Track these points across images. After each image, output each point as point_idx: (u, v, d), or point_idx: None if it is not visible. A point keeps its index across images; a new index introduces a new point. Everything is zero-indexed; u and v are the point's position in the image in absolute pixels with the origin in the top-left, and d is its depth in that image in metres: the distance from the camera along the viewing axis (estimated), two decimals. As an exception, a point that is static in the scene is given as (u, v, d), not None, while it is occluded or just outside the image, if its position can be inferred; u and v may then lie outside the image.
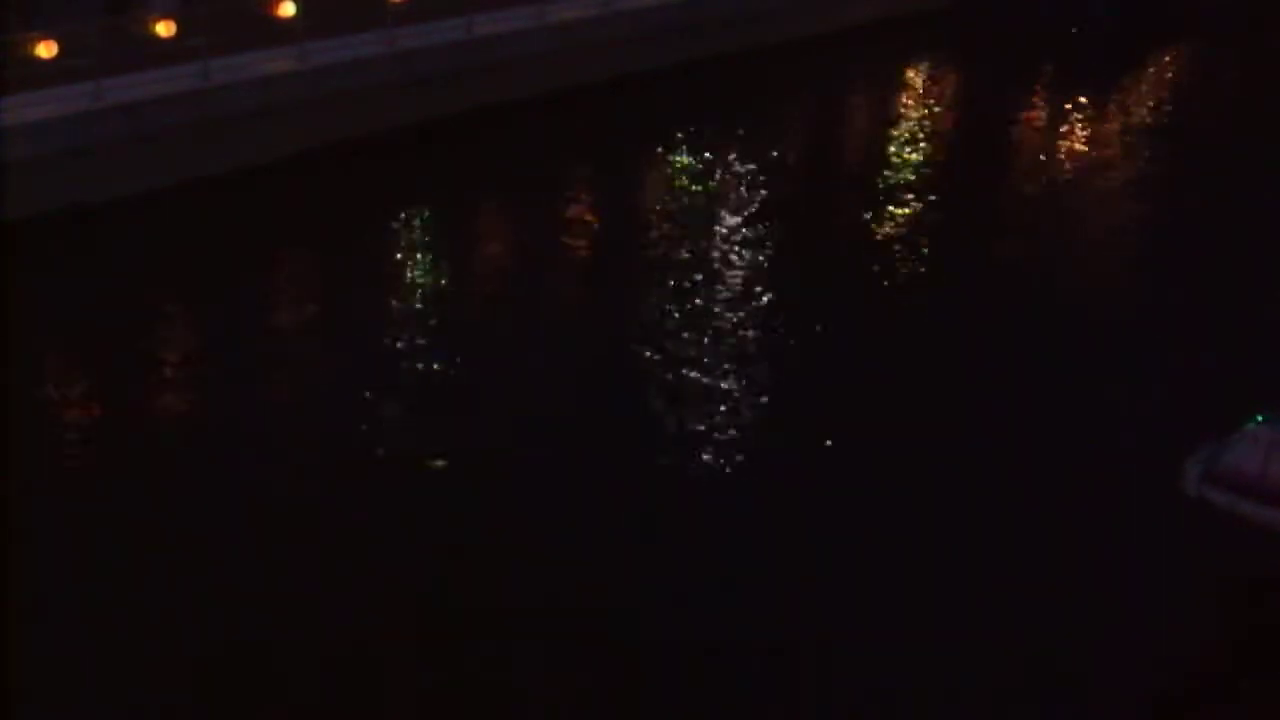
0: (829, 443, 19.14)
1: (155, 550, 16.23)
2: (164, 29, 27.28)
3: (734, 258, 24.97)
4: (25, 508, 16.87)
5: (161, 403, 19.51)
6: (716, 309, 22.97)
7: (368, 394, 19.82)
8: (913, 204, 28.05)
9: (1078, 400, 20.64)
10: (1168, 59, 40.50)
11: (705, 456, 18.70)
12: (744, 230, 26.21)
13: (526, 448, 18.69)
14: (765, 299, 23.41)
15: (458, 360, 20.98)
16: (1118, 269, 25.74)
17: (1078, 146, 32.31)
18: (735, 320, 22.58)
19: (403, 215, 26.25)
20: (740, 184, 28.60)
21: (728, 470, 18.45)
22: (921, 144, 31.81)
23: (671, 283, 23.84)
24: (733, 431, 19.33)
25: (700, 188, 28.33)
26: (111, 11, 28.87)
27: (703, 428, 19.38)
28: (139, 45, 27.36)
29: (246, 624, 15.12)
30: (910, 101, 35.17)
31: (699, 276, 24.12)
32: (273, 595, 15.57)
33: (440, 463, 18.30)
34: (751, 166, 29.63)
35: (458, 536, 16.80)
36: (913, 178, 29.59)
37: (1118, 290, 24.64)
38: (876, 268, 25.02)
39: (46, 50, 25.55)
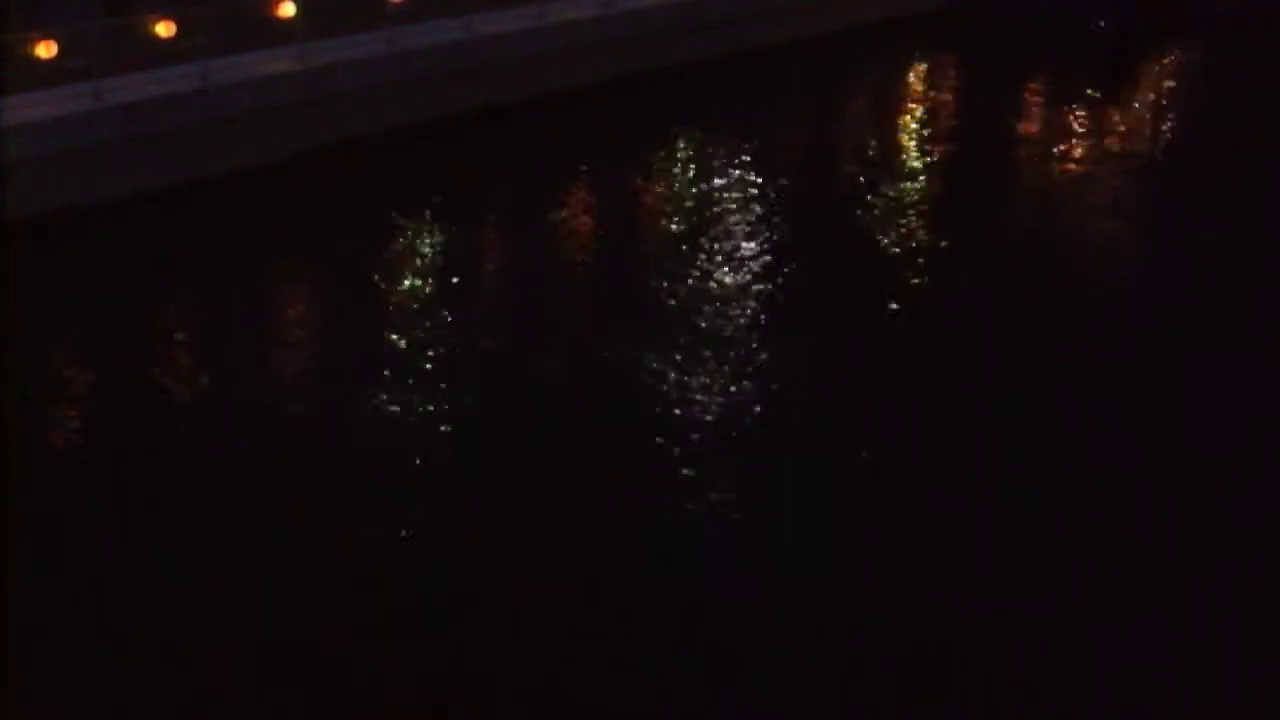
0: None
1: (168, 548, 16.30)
2: (164, 29, 27.27)
3: (734, 258, 24.97)
4: (29, 506, 16.88)
5: (163, 399, 19.51)
6: (716, 309, 22.96)
7: (369, 390, 19.84)
8: (915, 203, 28.06)
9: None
10: (1169, 57, 40.48)
11: (704, 459, 18.72)
12: (744, 231, 26.20)
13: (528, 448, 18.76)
14: (766, 299, 23.41)
15: (457, 360, 20.99)
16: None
17: (1080, 146, 32.29)
18: (735, 321, 22.58)
19: (403, 215, 26.23)
20: (740, 184, 28.59)
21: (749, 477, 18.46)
22: (922, 144, 31.80)
23: (672, 282, 23.83)
24: (747, 436, 19.35)
25: (700, 188, 28.32)
26: (111, 12, 28.85)
27: (703, 430, 19.39)
28: (139, 45, 27.35)
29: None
30: (911, 102, 35.16)
31: (699, 277, 24.12)
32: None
33: (432, 464, 18.35)
34: (751, 167, 29.62)
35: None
36: (914, 178, 29.58)
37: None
38: (881, 266, 25.03)
39: (46, 50, 25.53)
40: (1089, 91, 36.32)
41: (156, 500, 17.21)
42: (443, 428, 19.13)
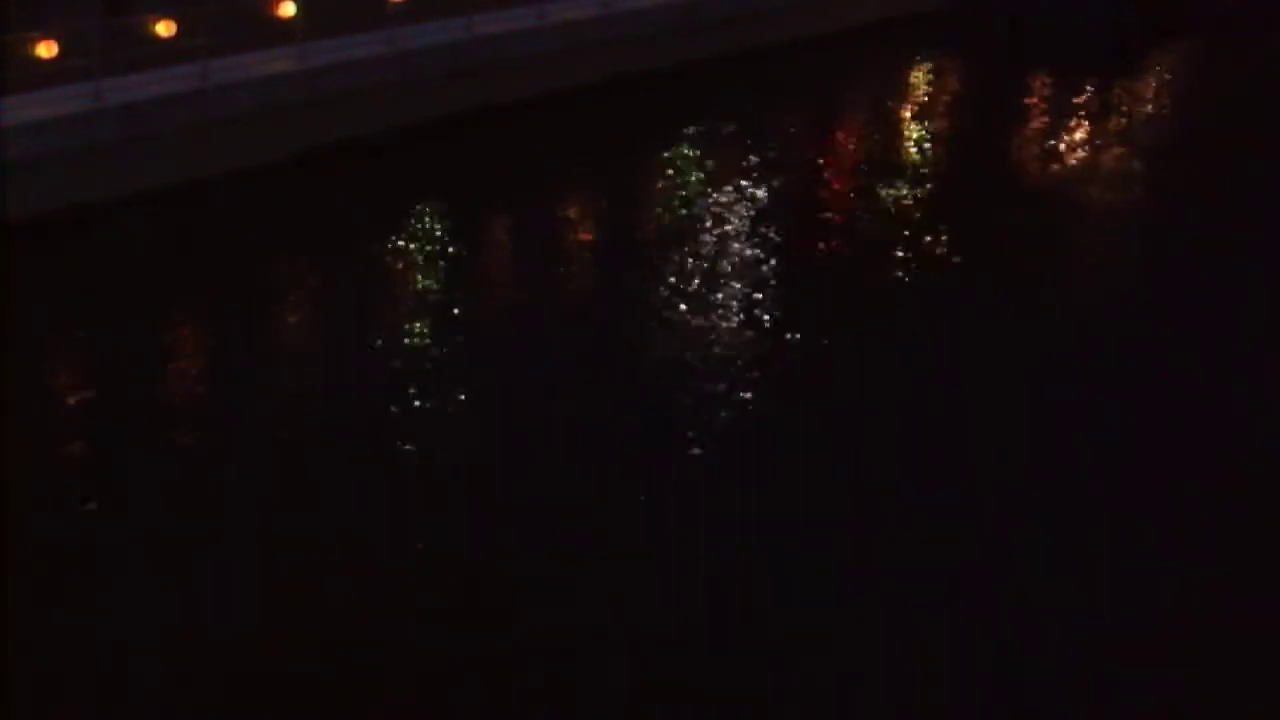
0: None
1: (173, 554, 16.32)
2: (164, 29, 27.29)
3: (734, 258, 24.98)
4: (28, 507, 16.88)
5: (164, 400, 19.51)
6: (716, 309, 22.97)
7: (371, 390, 19.85)
8: (916, 204, 28.07)
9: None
10: (1169, 58, 40.51)
11: (704, 462, 18.73)
12: (743, 231, 26.22)
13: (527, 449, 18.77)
14: (765, 300, 23.42)
15: (457, 363, 20.99)
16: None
17: (1080, 144, 32.31)
18: (735, 321, 22.59)
19: (403, 215, 26.25)
20: (740, 184, 28.61)
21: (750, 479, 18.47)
22: (922, 143, 31.82)
23: (672, 284, 23.84)
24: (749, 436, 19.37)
25: (700, 188, 28.33)
26: (112, 12, 28.88)
27: (704, 433, 19.40)
28: (139, 45, 27.37)
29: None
30: (910, 101, 35.18)
31: (699, 277, 24.13)
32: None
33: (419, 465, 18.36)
34: (751, 167, 29.64)
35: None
36: (914, 177, 29.60)
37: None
38: (880, 264, 25.04)
39: (46, 50, 25.55)
40: (1088, 91, 36.34)
41: (157, 500, 17.21)
42: (446, 426, 19.13)
